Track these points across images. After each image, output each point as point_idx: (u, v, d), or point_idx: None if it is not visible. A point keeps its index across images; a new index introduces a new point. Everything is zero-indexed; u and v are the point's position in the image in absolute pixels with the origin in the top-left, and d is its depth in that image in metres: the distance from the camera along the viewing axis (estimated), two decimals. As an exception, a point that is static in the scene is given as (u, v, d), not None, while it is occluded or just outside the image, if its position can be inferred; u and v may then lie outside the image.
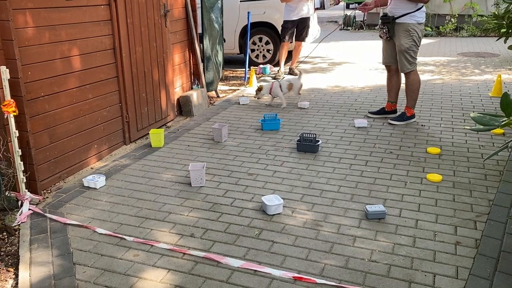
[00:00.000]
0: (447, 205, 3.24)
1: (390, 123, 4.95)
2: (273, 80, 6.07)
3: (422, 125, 5.02)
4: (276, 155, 4.28)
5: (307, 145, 4.31)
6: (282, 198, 3.26)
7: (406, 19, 4.64)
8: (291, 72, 8.36)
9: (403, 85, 5.40)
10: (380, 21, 4.83)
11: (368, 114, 5.13)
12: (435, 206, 3.23)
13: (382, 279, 2.46)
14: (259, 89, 5.86)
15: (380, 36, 4.87)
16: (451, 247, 2.74)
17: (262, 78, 8.31)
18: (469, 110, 5.50)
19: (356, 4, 17.15)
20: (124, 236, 2.89)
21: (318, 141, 4.35)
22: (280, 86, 5.84)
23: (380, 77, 7.71)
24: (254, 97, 5.90)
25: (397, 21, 4.68)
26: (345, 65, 8.99)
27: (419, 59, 9.38)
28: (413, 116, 4.98)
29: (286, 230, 2.95)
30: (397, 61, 4.85)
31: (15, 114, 3.15)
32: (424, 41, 11.95)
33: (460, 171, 3.79)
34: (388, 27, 4.72)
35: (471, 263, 2.57)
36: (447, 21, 12.91)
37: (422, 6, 4.65)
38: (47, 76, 3.52)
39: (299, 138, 4.40)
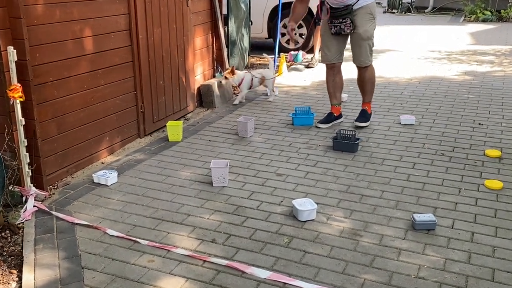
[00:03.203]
0: (509, 216, 3.16)
1: (358, 126, 4.75)
2: (246, 72, 5.79)
3: (479, 124, 4.90)
4: (309, 154, 4.26)
5: (345, 144, 4.27)
6: (315, 203, 3.24)
7: (366, 0, 4.44)
8: (308, 64, 8.30)
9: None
10: (330, 18, 4.48)
11: (318, 125, 4.82)
12: (494, 217, 3.15)
13: (432, 300, 2.41)
14: (231, 72, 5.56)
15: (335, 33, 4.54)
16: (514, 265, 2.66)
17: (293, 66, 8.28)
18: (536, 108, 5.34)
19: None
20: (138, 239, 2.93)
21: (358, 139, 4.31)
22: (252, 80, 5.68)
23: (430, 68, 7.58)
24: (222, 78, 5.59)
25: (356, 6, 4.41)
26: (389, 53, 8.87)
27: (476, 47, 9.16)
28: (371, 113, 4.91)
29: (320, 239, 2.93)
30: (354, 54, 4.62)
31: (21, 100, 3.22)
32: (482, 27, 11.66)
33: (525, 178, 3.68)
34: (350, 17, 4.42)
35: (538, 285, 2.49)
36: (510, 3, 12.52)
37: None
38: (56, 59, 3.59)
39: (335, 135, 4.37)
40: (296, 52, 8.63)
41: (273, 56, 7.70)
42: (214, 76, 6.19)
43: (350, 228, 3.05)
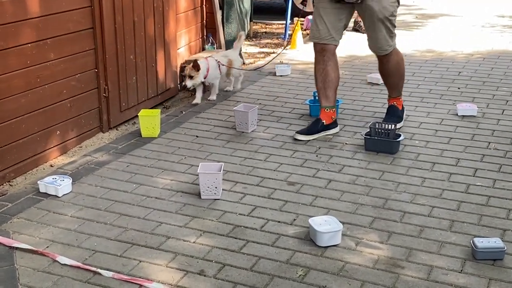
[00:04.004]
0: None
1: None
2: (209, 57, 5.50)
3: None
4: (332, 156, 4.26)
5: (382, 142, 4.27)
6: (340, 222, 3.24)
7: None
8: (356, 26, 8.30)
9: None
10: None
11: (296, 136, 4.58)
12: None
13: None
14: (195, 67, 5.17)
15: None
16: None
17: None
18: None
19: None
20: (99, 270, 2.91)
21: (399, 135, 4.31)
22: (219, 67, 5.45)
23: (498, 39, 7.57)
24: (184, 85, 5.27)
25: None
26: (444, 19, 8.87)
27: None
28: (403, 109, 4.82)
29: (347, 272, 2.92)
30: (368, 38, 4.52)
31: None
32: None
33: None
34: None
35: None
36: None
37: None
38: (-11, 25, 3.60)
39: (369, 130, 4.37)
40: (315, 17, 8.60)
41: (284, 22, 7.73)
42: (203, 49, 6.21)
43: (387, 257, 3.03)
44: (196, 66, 5.15)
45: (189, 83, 5.20)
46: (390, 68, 4.65)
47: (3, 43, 3.70)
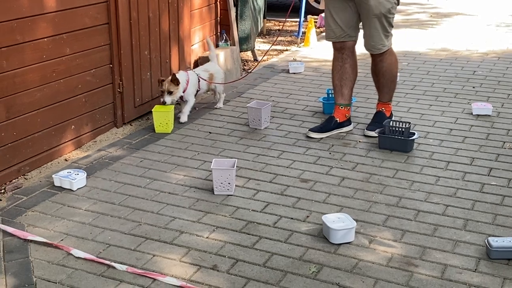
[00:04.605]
0: None
1: (368, 136, 4.53)
2: (193, 70, 5.09)
3: None
4: (346, 153, 4.25)
5: (396, 140, 4.26)
6: (354, 220, 3.23)
7: None
8: None
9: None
10: None
11: (309, 134, 4.57)
12: None
13: None
14: (174, 81, 4.69)
15: None
16: None
17: (324, 34, 8.24)
18: None
19: None
20: (113, 264, 2.93)
21: (413, 134, 4.30)
22: (199, 82, 4.98)
23: (514, 39, 7.52)
24: (163, 102, 4.70)
25: None
26: (458, 18, 8.83)
27: None
28: (391, 118, 4.61)
29: (360, 269, 2.92)
30: (364, 34, 4.45)
31: (-41, 73, 3.25)
32: None
33: None
34: None
35: None
36: None
37: None
38: (6, 19, 3.61)
39: (382, 128, 4.36)
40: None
41: (298, 19, 7.72)
42: (217, 46, 6.21)
43: (401, 255, 3.03)
44: (175, 80, 4.67)
45: (168, 99, 4.68)
46: (382, 68, 4.55)
47: (20, 37, 3.72)
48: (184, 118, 4.84)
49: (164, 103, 4.68)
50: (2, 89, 3.66)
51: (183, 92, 4.79)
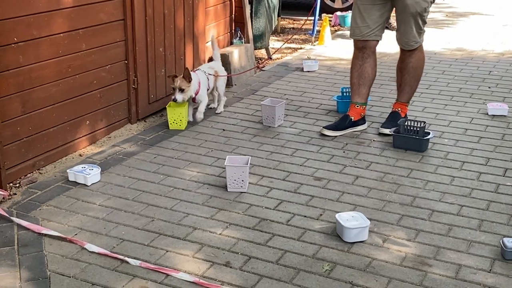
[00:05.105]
0: None
1: (382, 133, 4.52)
2: (199, 69, 4.84)
3: None
4: (359, 152, 4.24)
5: (410, 139, 4.25)
6: (368, 218, 3.22)
7: None
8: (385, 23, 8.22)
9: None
10: None
11: (323, 132, 4.54)
12: None
13: None
14: (187, 78, 4.50)
15: None
16: None
17: (339, 32, 8.26)
18: None
19: None
20: (127, 258, 2.94)
21: (428, 133, 4.29)
22: (208, 80, 4.81)
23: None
24: (174, 99, 4.53)
25: None
26: (474, 18, 8.77)
27: None
28: (405, 118, 4.53)
29: (374, 268, 2.91)
30: (397, 29, 4.45)
31: (-24, 67, 3.27)
32: None
33: None
34: None
35: None
36: None
37: None
38: (23, 14, 3.63)
39: (397, 127, 4.34)
40: (343, 13, 8.58)
41: (313, 18, 7.70)
42: (231, 43, 6.21)
43: (415, 255, 3.02)
44: (187, 77, 4.48)
45: (179, 97, 4.48)
46: (409, 64, 4.56)
47: (36, 32, 3.74)
48: (200, 116, 4.72)
49: (175, 100, 4.51)
50: (18, 83, 3.68)
51: (195, 94, 4.64)
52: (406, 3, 4.28)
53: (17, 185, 3.72)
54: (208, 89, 4.84)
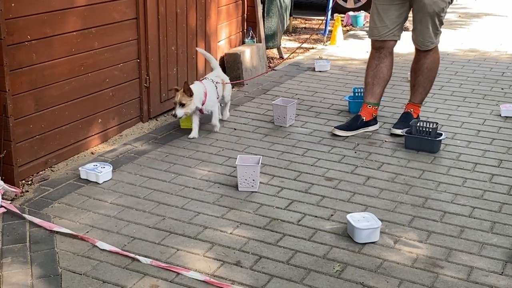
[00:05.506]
0: None
1: (394, 134, 4.49)
2: (206, 78, 4.63)
3: None
4: (371, 153, 4.23)
5: (423, 140, 4.23)
6: (379, 219, 3.21)
7: None
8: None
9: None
10: None
11: (335, 132, 4.53)
12: None
13: None
14: (187, 91, 4.28)
15: None
16: None
17: (351, 32, 8.24)
18: None
19: None
20: (138, 256, 2.95)
21: (441, 134, 4.27)
22: (217, 89, 4.58)
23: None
24: (174, 115, 4.34)
25: None
26: (488, 19, 8.72)
27: None
28: (418, 119, 4.52)
29: (385, 269, 2.90)
30: (413, 29, 4.43)
31: (-10, 64, 3.29)
32: None
33: None
34: None
35: None
36: None
37: None
38: (37, 11, 3.65)
39: (409, 128, 4.32)
40: (356, 13, 8.56)
41: (324, 17, 7.69)
42: (243, 42, 6.21)
43: (426, 256, 3.01)
44: (188, 91, 4.26)
45: (179, 112, 4.28)
46: (424, 65, 4.54)
47: (50, 31, 3.75)
48: (216, 128, 4.57)
49: (175, 116, 4.31)
50: (32, 81, 3.69)
51: (202, 105, 4.41)
52: (424, 2, 4.25)
53: (29, 182, 3.74)
54: (218, 97, 4.62)
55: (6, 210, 3.37)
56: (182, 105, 4.27)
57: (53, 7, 3.75)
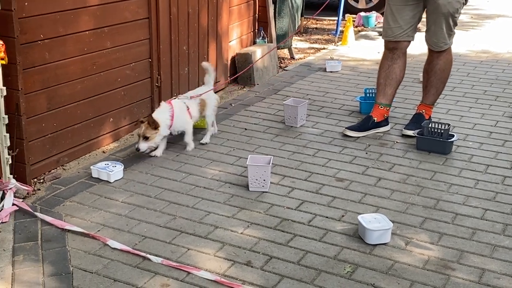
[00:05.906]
0: None
1: (406, 135, 4.49)
2: (174, 99, 4.29)
3: None
4: (382, 154, 4.22)
5: (434, 141, 4.21)
6: (390, 221, 3.20)
7: None
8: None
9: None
10: None
11: (346, 132, 4.52)
12: None
13: None
14: (151, 124, 3.97)
15: None
16: None
17: (362, 33, 8.21)
18: None
19: None
20: (149, 256, 2.96)
21: (453, 136, 4.25)
22: (188, 109, 4.24)
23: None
24: (137, 149, 4.00)
25: None
26: (500, 20, 8.67)
27: None
28: (429, 120, 4.49)
29: (396, 271, 2.89)
30: (427, 30, 4.40)
31: (3, 63, 3.30)
32: None
33: None
34: None
35: None
36: None
37: None
38: (50, 11, 3.67)
39: (421, 129, 4.30)
40: (367, 14, 8.53)
41: (336, 18, 7.68)
42: (254, 43, 6.21)
43: (438, 258, 2.99)
44: (153, 123, 3.96)
45: (143, 146, 3.97)
46: (436, 66, 4.52)
47: (62, 30, 3.77)
48: (188, 148, 4.25)
49: (138, 150, 3.98)
50: (44, 80, 3.71)
51: (169, 129, 4.10)
52: (438, 3, 4.24)
53: (41, 180, 3.75)
54: (192, 117, 4.26)
55: (18, 208, 3.39)
56: (146, 138, 3.98)
57: (66, 7, 3.77)
